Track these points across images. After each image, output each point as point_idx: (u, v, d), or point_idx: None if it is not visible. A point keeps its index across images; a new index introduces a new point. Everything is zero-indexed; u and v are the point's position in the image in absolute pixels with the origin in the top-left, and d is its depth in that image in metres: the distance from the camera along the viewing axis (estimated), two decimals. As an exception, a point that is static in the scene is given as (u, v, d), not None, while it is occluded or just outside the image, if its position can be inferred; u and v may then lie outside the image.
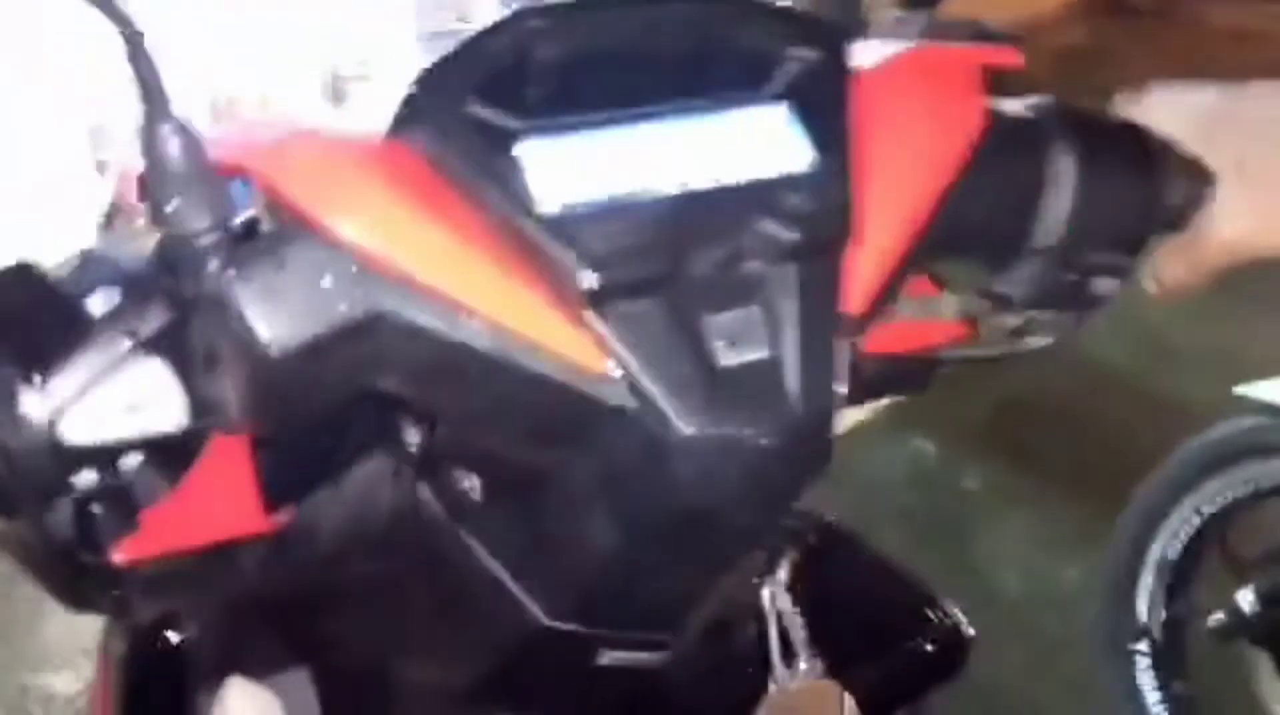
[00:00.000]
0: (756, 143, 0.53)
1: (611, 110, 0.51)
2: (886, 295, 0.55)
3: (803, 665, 0.70)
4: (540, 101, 0.50)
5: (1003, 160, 0.59)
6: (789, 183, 0.52)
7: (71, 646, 2.01)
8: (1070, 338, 0.66)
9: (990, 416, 2.54)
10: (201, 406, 0.44)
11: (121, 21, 0.42)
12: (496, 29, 0.50)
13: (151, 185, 0.44)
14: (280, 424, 0.49)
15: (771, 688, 0.70)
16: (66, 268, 0.46)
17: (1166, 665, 1.75)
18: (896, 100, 0.57)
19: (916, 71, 0.59)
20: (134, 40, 0.42)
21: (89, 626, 0.78)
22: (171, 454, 0.46)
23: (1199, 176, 0.62)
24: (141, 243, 0.47)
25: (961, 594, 0.82)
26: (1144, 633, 1.78)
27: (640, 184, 0.50)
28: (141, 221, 0.46)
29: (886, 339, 0.61)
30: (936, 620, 0.81)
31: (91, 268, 0.45)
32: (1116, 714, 1.77)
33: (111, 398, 0.42)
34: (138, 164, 0.45)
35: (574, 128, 0.50)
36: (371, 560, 0.61)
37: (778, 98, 0.54)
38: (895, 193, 0.55)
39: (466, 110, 0.48)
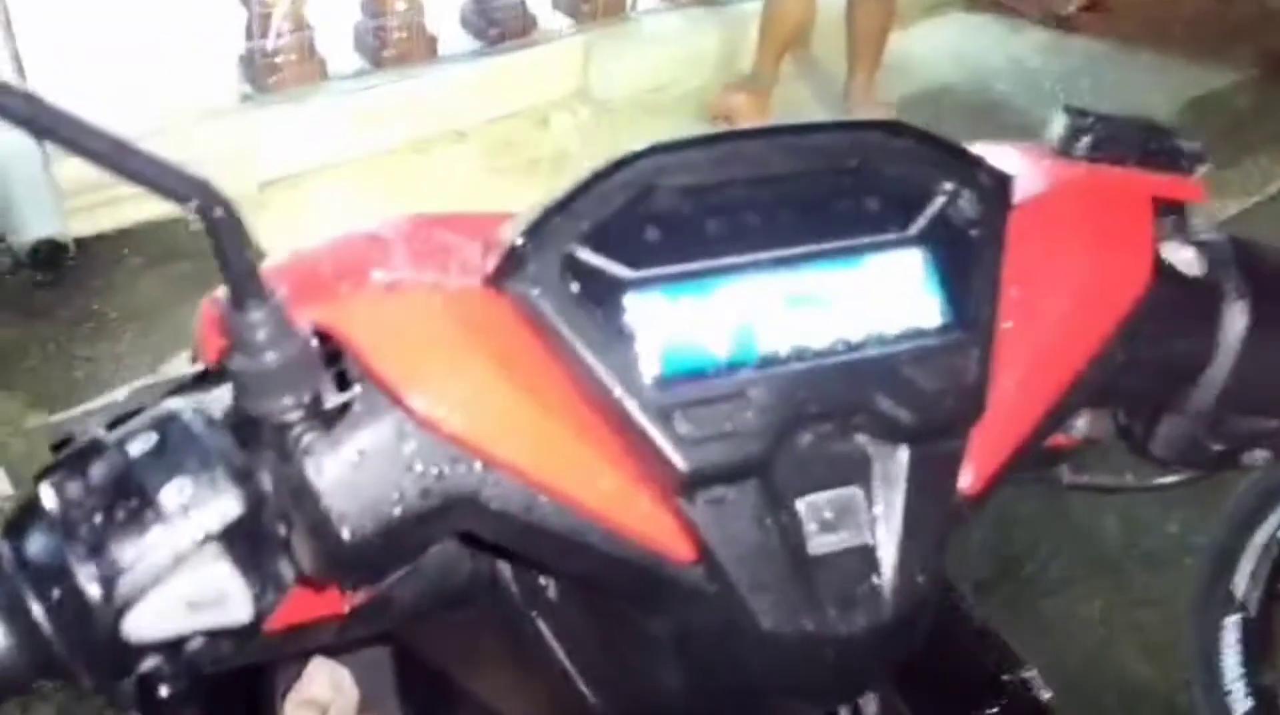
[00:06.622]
0: (884, 298, 0.48)
1: (735, 255, 0.47)
2: (1009, 472, 0.50)
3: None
4: (656, 247, 0.46)
5: (1168, 322, 0.52)
6: (914, 354, 0.47)
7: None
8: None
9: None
10: (267, 599, 0.43)
11: (208, 198, 0.38)
12: (613, 167, 0.46)
13: (235, 362, 0.41)
14: (354, 585, 0.48)
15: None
16: (143, 432, 0.42)
17: (1254, 645, 1.72)
18: (1053, 239, 0.51)
19: (1079, 203, 0.53)
20: (223, 220, 0.38)
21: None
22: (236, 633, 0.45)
23: None
24: (221, 402, 0.44)
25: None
26: (1239, 608, 1.74)
27: (754, 348, 0.46)
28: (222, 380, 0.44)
29: None
30: (1015, 686, 0.79)
31: (171, 446, 0.42)
32: (1195, 683, 1.75)
33: (176, 596, 0.41)
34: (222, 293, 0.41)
35: (691, 278, 0.46)
36: (449, 613, 0.62)
37: (916, 241, 0.49)
38: (1039, 356, 0.49)
39: (575, 256, 0.45)
